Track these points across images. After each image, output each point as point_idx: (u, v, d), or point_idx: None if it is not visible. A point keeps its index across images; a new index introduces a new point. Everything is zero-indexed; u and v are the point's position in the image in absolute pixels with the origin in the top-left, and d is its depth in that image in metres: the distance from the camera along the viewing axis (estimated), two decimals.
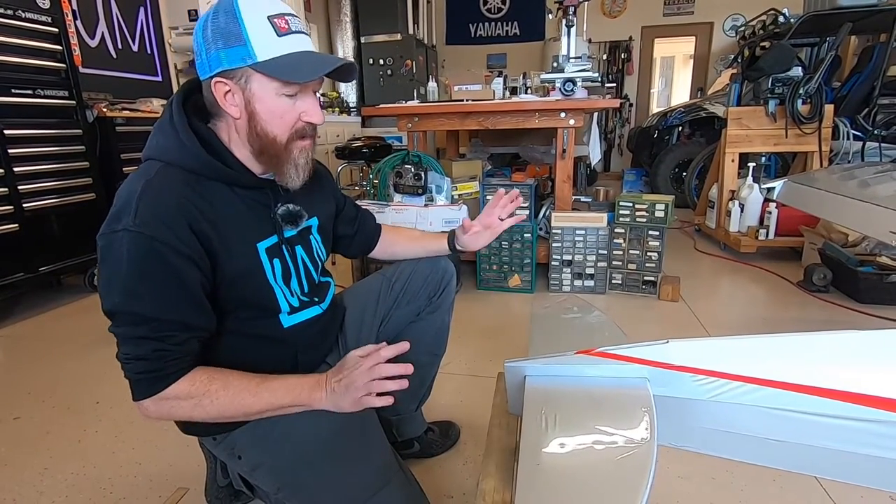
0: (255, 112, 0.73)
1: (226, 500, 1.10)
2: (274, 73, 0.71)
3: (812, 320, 2.09)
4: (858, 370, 0.58)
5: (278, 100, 0.73)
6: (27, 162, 2.26)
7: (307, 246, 0.90)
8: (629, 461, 0.56)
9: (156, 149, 0.74)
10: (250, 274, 0.78)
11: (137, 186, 0.69)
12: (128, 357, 0.69)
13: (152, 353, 0.68)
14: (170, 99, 0.77)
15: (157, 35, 3.65)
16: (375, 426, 0.87)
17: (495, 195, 1.10)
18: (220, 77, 0.72)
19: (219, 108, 0.74)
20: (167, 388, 0.69)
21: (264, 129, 0.74)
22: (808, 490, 1.13)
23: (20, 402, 1.60)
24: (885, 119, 3.04)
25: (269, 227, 0.81)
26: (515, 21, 6.89)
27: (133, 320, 0.68)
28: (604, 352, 0.68)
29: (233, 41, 0.69)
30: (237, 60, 0.70)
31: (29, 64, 2.26)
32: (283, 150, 0.77)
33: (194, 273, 0.71)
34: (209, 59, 0.71)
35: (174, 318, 0.69)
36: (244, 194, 0.78)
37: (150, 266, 0.67)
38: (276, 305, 0.83)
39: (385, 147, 3.47)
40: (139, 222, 0.66)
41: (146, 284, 0.67)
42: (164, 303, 0.68)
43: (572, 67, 2.47)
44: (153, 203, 0.68)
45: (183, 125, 0.73)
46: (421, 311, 1.10)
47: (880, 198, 1.39)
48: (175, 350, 0.69)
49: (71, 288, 2.70)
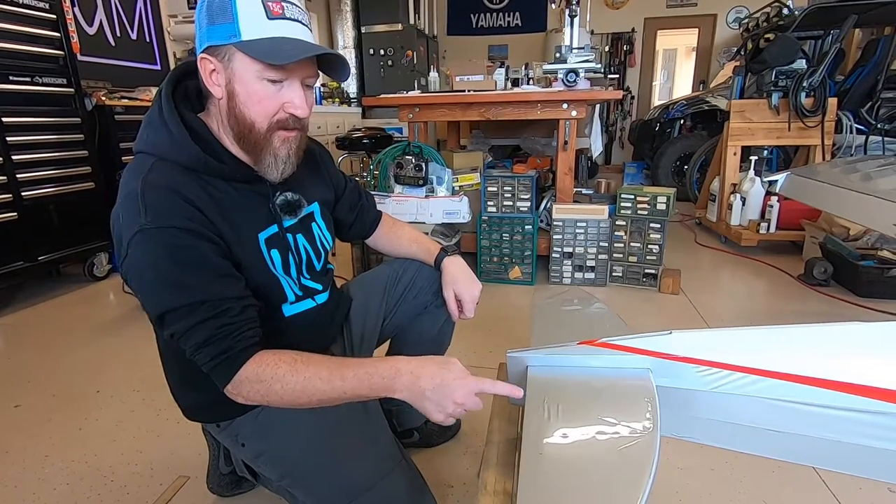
0: (235, 93, 0.71)
1: (227, 488, 1.11)
2: (254, 53, 0.69)
3: (812, 314, 2.10)
4: (859, 362, 0.58)
5: (259, 83, 0.71)
6: (26, 150, 2.25)
7: (309, 234, 0.89)
8: (632, 451, 0.56)
9: (147, 143, 0.73)
10: (253, 265, 0.77)
11: (136, 185, 0.68)
12: (196, 347, 0.68)
13: (217, 331, 0.67)
14: (158, 88, 0.75)
15: (155, 23, 3.62)
16: (379, 415, 0.87)
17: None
18: (206, 53, 0.70)
19: (206, 87, 0.73)
20: (240, 370, 0.68)
21: (242, 112, 0.72)
22: (807, 481, 1.14)
23: (20, 390, 1.60)
24: (888, 113, 3.02)
25: (268, 218, 0.80)
26: (517, 12, 6.85)
27: (186, 311, 0.67)
28: (606, 342, 0.68)
29: (222, 18, 0.68)
30: (223, 37, 0.68)
31: (27, 51, 2.24)
32: (262, 139, 0.74)
33: (218, 250, 0.70)
34: (200, 34, 0.70)
35: (222, 293, 0.68)
36: (240, 187, 0.77)
37: (178, 255, 0.66)
38: (282, 295, 0.83)
39: (386, 138, 3.46)
40: (151, 218, 0.65)
41: (183, 272, 0.66)
42: (206, 283, 0.67)
43: (575, 58, 2.45)
44: (158, 195, 0.67)
45: (173, 118, 0.72)
46: (428, 305, 1.09)
47: (883, 191, 1.39)
48: (237, 322, 0.69)
49: (70, 277, 2.70)
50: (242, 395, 0.69)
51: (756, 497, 1.09)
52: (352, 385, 0.69)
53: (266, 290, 0.80)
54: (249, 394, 0.69)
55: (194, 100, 0.78)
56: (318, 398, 0.69)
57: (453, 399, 0.68)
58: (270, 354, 0.70)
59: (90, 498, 1.13)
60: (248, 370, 0.68)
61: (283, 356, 0.70)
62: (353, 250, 2.44)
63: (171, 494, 1.13)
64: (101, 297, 2.48)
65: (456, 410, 0.69)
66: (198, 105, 0.78)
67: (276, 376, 0.68)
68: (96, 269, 2.65)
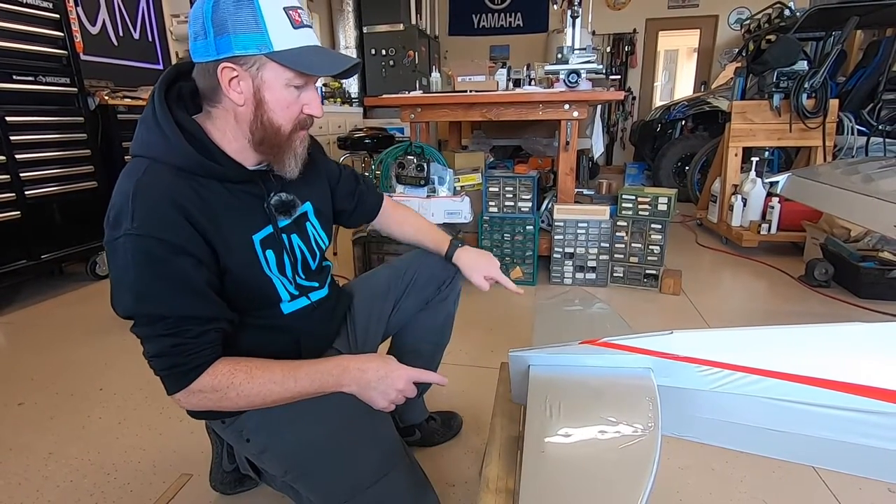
0: (264, 101, 0.73)
1: (230, 486, 1.11)
2: (290, 63, 0.71)
3: (813, 315, 2.10)
4: (860, 362, 0.58)
5: (286, 90, 0.74)
6: (29, 149, 2.26)
7: (303, 234, 0.89)
8: (633, 450, 0.56)
9: (142, 145, 0.74)
10: (247, 266, 0.78)
11: (129, 187, 0.69)
12: (151, 355, 0.71)
13: (171, 348, 0.69)
14: (151, 90, 0.75)
15: (158, 23, 3.63)
16: (381, 413, 0.87)
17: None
18: (229, 62, 0.70)
19: (220, 93, 0.73)
20: (192, 383, 0.71)
21: (270, 118, 0.75)
22: (807, 481, 1.14)
23: (23, 388, 1.61)
24: (889, 114, 3.02)
25: (262, 219, 0.81)
26: (519, 12, 6.85)
27: (148, 320, 0.69)
28: (608, 342, 0.68)
29: (248, 28, 0.69)
30: (251, 47, 0.69)
31: (30, 50, 2.24)
32: (286, 140, 0.77)
33: (198, 267, 0.71)
34: (217, 42, 0.69)
35: (186, 313, 0.70)
36: (234, 188, 0.78)
37: (155, 267, 0.68)
38: (276, 295, 0.84)
39: (387, 138, 3.46)
40: (137, 224, 0.66)
41: (153, 285, 0.68)
42: (172, 300, 0.69)
43: (577, 59, 2.45)
44: (148, 202, 0.68)
45: (167, 120, 0.72)
46: (430, 300, 1.12)
47: (884, 192, 1.39)
48: (192, 343, 0.70)
49: (73, 276, 2.70)
50: (192, 403, 0.73)
51: (756, 496, 1.10)
52: (304, 384, 0.76)
53: (260, 292, 0.82)
54: (202, 402, 0.73)
55: (188, 102, 0.78)
56: (273, 399, 0.75)
57: (395, 387, 0.79)
58: (226, 365, 0.73)
59: (93, 495, 1.14)
60: (202, 382, 0.71)
61: (239, 365, 0.74)
62: (355, 249, 2.44)
63: (173, 492, 1.14)
64: (103, 295, 2.49)
65: (398, 397, 0.79)
66: (192, 107, 0.78)
67: (233, 385, 0.72)
68: (98, 267, 2.66)
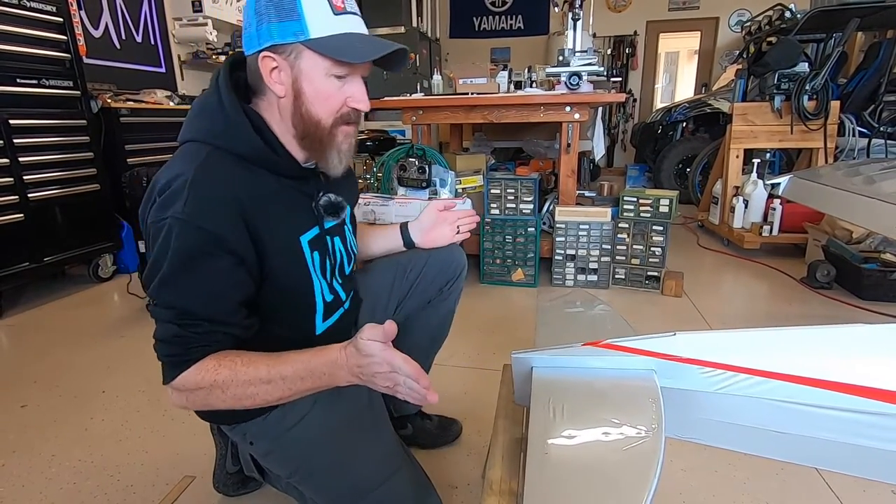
0: (302, 91, 0.71)
1: (233, 488, 1.11)
2: (326, 51, 0.68)
3: (815, 316, 2.09)
4: (863, 363, 0.58)
5: (327, 80, 0.71)
6: (32, 152, 2.27)
7: (343, 237, 0.88)
8: (637, 452, 0.56)
9: (202, 131, 0.71)
10: (293, 266, 0.77)
11: (188, 172, 0.66)
12: (156, 338, 0.69)
13: (173, 337, 0.68)
14: (213, 76, 0.73)
15: (160, 26, 3.64)
16: (384, 415, 0.88)
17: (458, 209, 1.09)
18: (268, 52, 0.69)
19: (263, 85, 0.72)
20: (178, 378, 0.68)
21: (309, 110, 0.72)
22: (810, 483, 1.14)
23: (27, 390, 1.61)
24: (890, 116, 3.02)
25: (311, 219, 0.79)
26: (519, 14, 6.85)
27: (164, 305, 0.68)
28: (611, 343, 0.68)
29: (286, 15, 0.67)
30: (289, 35, 0.67)
31: (34, 54, 2.25)
32: (328, 135, 0.74)
33: (235, 267, 0.69)
34: (259, 32, 0.68)
35: (200, 311, 0.68)
36: (286, 183, 0.76)
37: (189, 259, 0.66)
38: (313, 301, 0.82)
39: (389, 140, 3.47)
40: (189, 211, 0.64)
41: (180, 276, 0.66)
42: (192, 296, 0.67)
43: (578, 61, 2.46)
44: (205, 191, 0.66)
45: (234, 107, 0.71)
46: (432, 299, 1.11)
47: (886, 194, 1.39)
48: (196, 338, 0.68)
49: (75, 278, 2.71)
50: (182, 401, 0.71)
51: (759, 499, 1.10)
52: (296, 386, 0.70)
53: (302, 294, 0.80)
54: (191, 400, 0.70)
55: (243, 92, 0.76)
56: (264, 399, 0.70)
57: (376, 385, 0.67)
58: (211, 360, 0.69)
59: (96, 497, 1.14)
60: (186, 378, 0.68)
61: (224, 360, 0.69)
62: None
63: (176, 494, 1.14)
64: (106, 298, 2.49)
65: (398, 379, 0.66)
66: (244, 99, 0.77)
67: (216, 383, 0.68)
68: (101, 270, 2.67)
